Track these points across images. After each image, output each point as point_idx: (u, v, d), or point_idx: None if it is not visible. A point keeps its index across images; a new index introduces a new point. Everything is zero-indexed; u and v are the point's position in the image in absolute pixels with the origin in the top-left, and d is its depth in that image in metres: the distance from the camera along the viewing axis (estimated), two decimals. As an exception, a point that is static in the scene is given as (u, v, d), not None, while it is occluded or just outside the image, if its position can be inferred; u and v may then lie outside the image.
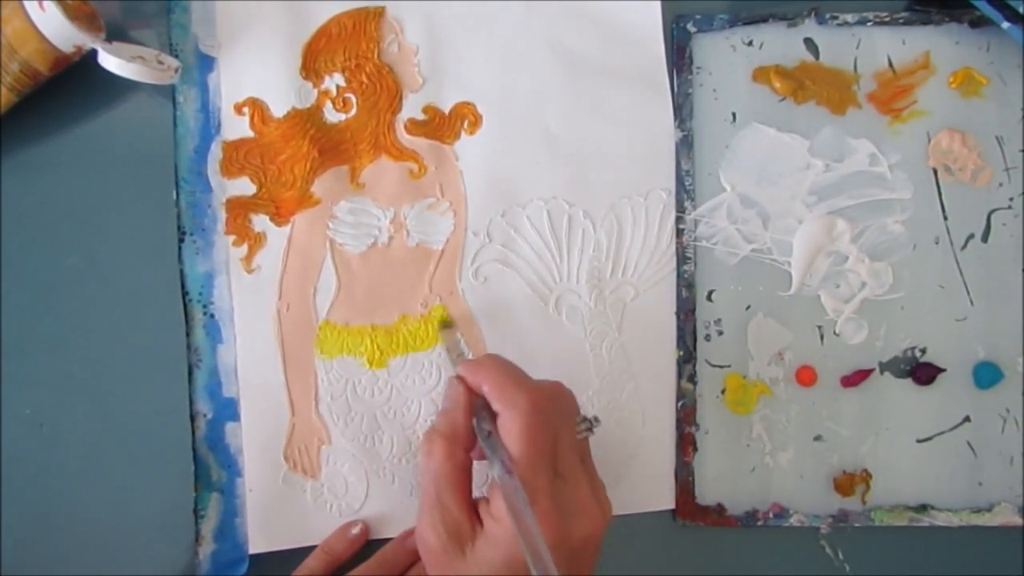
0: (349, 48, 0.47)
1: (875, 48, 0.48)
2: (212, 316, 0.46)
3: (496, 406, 0.37)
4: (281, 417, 0.46)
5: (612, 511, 0.39)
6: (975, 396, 0.48)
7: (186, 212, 0.46)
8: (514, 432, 0.36)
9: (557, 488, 0.36)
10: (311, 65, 0.47)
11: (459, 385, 0.39)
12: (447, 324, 0.46)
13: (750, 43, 0.48)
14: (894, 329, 0.48)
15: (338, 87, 0.47)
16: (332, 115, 0.47)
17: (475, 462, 0.39)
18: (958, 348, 0.48)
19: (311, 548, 0.45)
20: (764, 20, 0.48)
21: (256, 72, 0.47)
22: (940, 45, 0.48)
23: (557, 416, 0.38)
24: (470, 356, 0.46)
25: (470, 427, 0.38)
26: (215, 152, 0.47)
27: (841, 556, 0.48)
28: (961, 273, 0.48)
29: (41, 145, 0.46)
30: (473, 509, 0.37)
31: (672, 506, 0.47)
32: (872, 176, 0.48)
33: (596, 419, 0.40)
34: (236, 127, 0.47)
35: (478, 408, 0.38)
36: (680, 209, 0.48)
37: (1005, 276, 0.48)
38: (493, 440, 0.37)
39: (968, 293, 0.48)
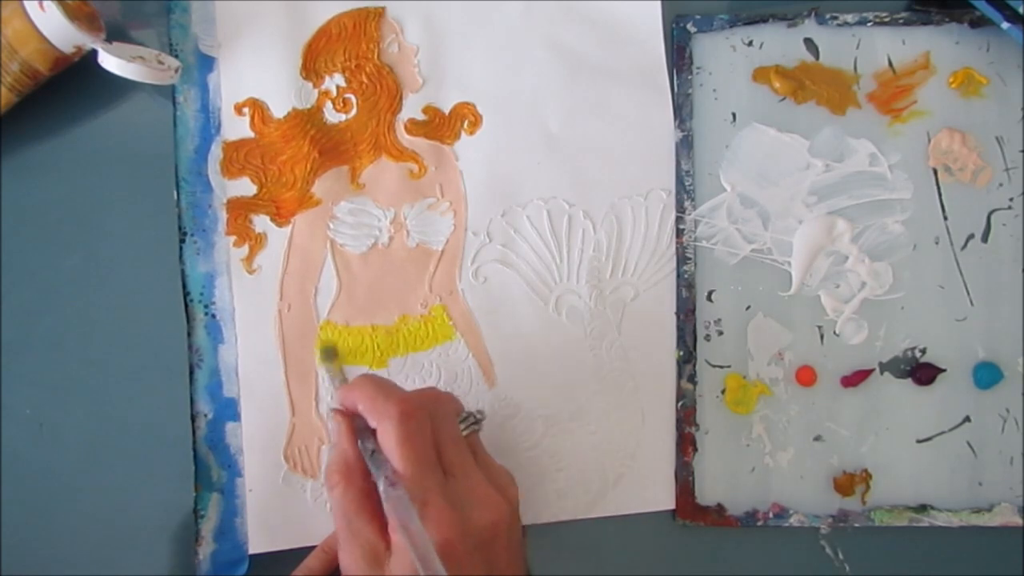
0: (349, 48, 0.47)
1: (875, 48, 0.48)
2: (213, 316, 0.46)
3: (371, 422, 0.38)
4: (282, 417, 0.46)
5: (517, 493, 0.40)
6: (975, 396, 0.48)
7: (187, 212, 0.46)
8: (391, 441, 0.36)
9: (449, 486, 0.37)
10: (311, 65, 0.47)
11: (337, 415, 0.40)
12: (328, 354, 0.46)
13: (750, 43, 0.48)
14: (894, 329, 0.48)
15: (338, 87, 0.47)
16: (332, 115, 0.47)
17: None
18: (958, 348, 0.48)
19: (311, 548, 0.45)
20: (764, 20, 0.48)
21: (256, 72, 0.47)
22: (940, 45, 0.48)
23: (435, 419, 0.38)
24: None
25: (358, 452, 0.38)
26: (215, 152, 0.47)
27: (841, 556, 0.48)
28: (961, 273, 0.48)
29: (41, 145, 0.46)
30: (384, 528, 0.37)
31: (672, 506, 0.47)
32: (872, 176, 0.48)
33: (480, 412, 0.41)
34: (236, 127, 0.47)
35: (360, 431, 0.39)
36: (680, 209, 0.48)
37: (1005, 276, 0.48)
38: (377, 456, 0.37)
39: (968, 293, 0.48)
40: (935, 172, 0.48)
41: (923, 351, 0.48)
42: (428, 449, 0.37)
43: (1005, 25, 0.45)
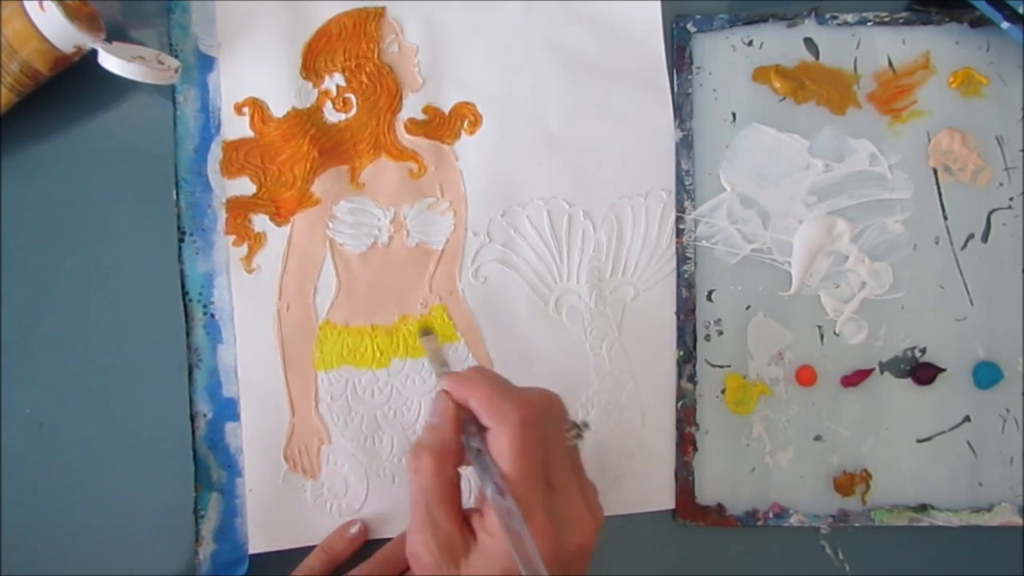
0: (349, 48, 0.47)
1: (875, 48, 0.48)
2: (212, 316, 0.46)
3: (485, 421, 0.37)
4: (281, 417, 0.46)
5: (604, 515, 0.39)
6: (975, 396, 0.48)
7: (186, 212, 0.46)
8: (505, 448, 0.35)
9: (550, 500, 0.36)
10: (311, 65, 0.47)
11: (446, 399, 0.38)
12: (427, 331, 0.46)
13: (750, 43, 0.48)
14: (894, 329, 0.48)
15: (338, 87, 0.47)
16: (332, 115, 0.47)
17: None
18: (958, 348, 0.48)
19: (311, 548, 0.45)
20: (764, 20, 0.48)
21: (256, 72, 0.47)
22: (940, 45, 0.48)
23: (547, 426, 0.37)
24: (451, 366, 0.45)
25: (458, 442, 0.37)
26: (215, 152, 0.47)
27: (841, 556, 0.48)
28: (961, 273, 0.48)
29: (41, 145, 0.46)
30: (465, 522, 0.36)
31: (672, 506, 0.47)
32: (872, 176, 0.48)
33: (585, 424, 0.39)
34: (236, 127, 0.47)
35: (466, 423, 0.38)
36: (680, 209, 0.48)
37: (1005, 276, 0.48)
38: (483, 457, 0.36)
39: (968, 293, 0.48)
40: (935, 172, 0.48)
41: (923, 351, 0.48)
42: (540, 460, 0.36)
43: (1005, 25, 0.45)
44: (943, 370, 0.47)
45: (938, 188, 0.48)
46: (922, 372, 0.47)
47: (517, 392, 0.37)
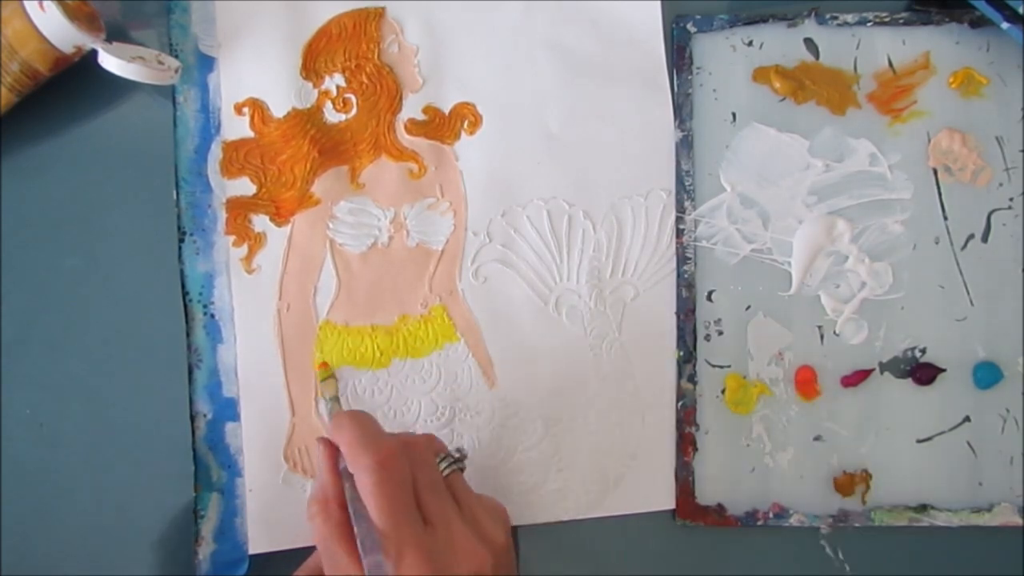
0: (349, 48, 0.47)
1: (875, 48, 0.48)
2: (212, 316, 0.46)
3: (351, 469, 0.37)
4: (281, 417, 0.46)
5: (505, 539, 0.39)
6: (975, 396, 0.48)
7: (186, 212, 0.46)
8: (367, 491, 0.36)
9: (428, 537, 0.36)
10: (311, 65, 0.47)
11: (321, 445, 0.40)
12: (327, 375, 0.46)
13: (750, 43, 0.48)
14: (894, 329, 0.48)
15: (338, 87, 0.47)
16: (332, 115, 0.47)
17: None
18: (958, 348, 0.48)
19: (311, 548, 0.45)
20: (764, 20, 0.48)
21: (256, 72, 0.47)
22: (940, 45, 0.48)
23: (412, 464, 0.38)
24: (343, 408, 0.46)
25: (339, 485, 0.38)
26: (215, 152, 0.47)
27: (841, 556, 0.48)
28: (961, 273, 0.48)
29: (41, 145, 0.46)
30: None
31: (672, 506, 0.47)
32: (872, 176, 0.48)
33: (461, 450, 0.40)
34: (236, 127, 0.47)
35: (344, 472, 0.38)
36: (680, 209, 0.48)
37: (1005, 276, 0.48)
38: (356, 507, 0.37)
39: (968, 293, 0.48)
40: (935, 172, 0.48)
41: (923, 351, 0.48)
42: (406, 498, 0.36)
43: (1005, 25, 0.45)
44: (943, 370, 0.47)
45: (938, 188, 0.48)
46: (922, 372, 0.47)
47: (377, 438, 0.38)
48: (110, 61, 0.42)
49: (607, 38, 0.48)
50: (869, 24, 0.48)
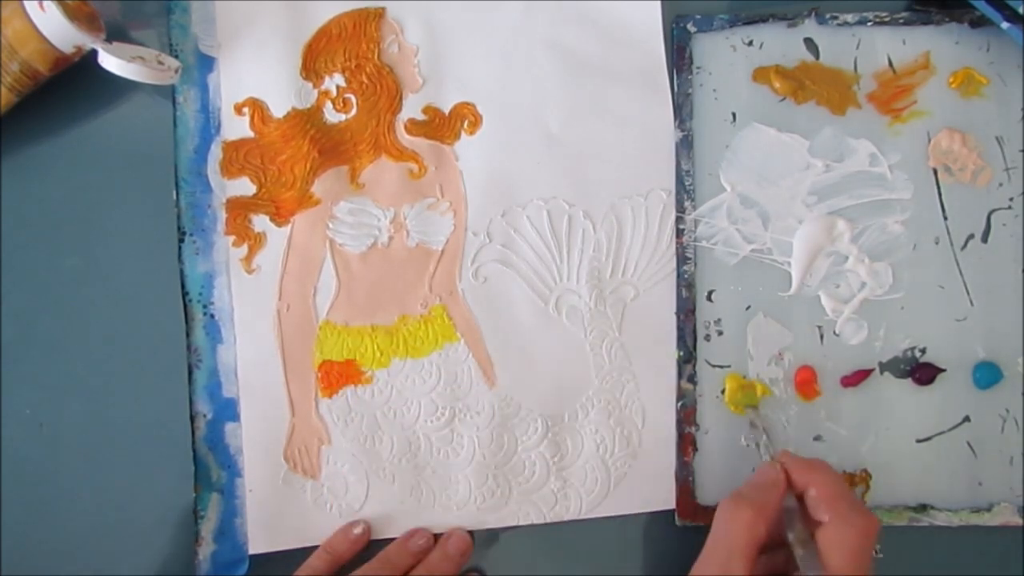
0: (349, 49, 0.47)
1: (875, 48, 0.48)
2: (212, 316, 0.46)
3: (825, 515, 0.38)
4: (281, 417, 0.46)
5: None
6: (975, 396, 0.48)
7: (186, 212, 0.46)
8: (845, 549, 0.37)
9: None
10: (311, 65, 0.47)
11: (779, 471, 0.41)
12: (751, 402, 0.47)
13: (750, 43, 0.48)
14: (894, 329, 0.48)
15: (338, 87, 0.47)
16: (332, 115, 0.47)
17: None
18: (958, 348, 0.48)
19: (311, 548, 0.45)
20: (764, 20, 0.48)
21: (256, 72, 0.47)
22: (940, 45, 0.48)
23: (872, 545, 0.39)
24: (773, 441, 0.47)
25: (777, 514, 0.39)
26: (215, 152, 0.47)
27: (841, 556, 0.48)
28: (961, 273, 0.48)
29: (41, 145, 0.47)
30: None
31: (672, 506, 0.47)
32: (872, 176, 0.48)
33: (877, 551, 0.41)
34: (236, 127, 0.47)
35: (791, 512, 0.39)
36: (680, 209, 0.48)
37: (1005, 276, 0.48)
38: (810, 545, 0.38)
39: (968, 293, 0.48)
40: (935, 172, 0.48)
41: (923, 351, 0.48)
42: (866, 571, 0.38)
43: (1005, 25, 0.45)
44: (943, 370, 0.47)
45: (938, 188, 0.48)
46: (922, 372, 0.47)
47: (861, 503, 0.40)
48: (110, 61, 0.42)
49: (607, 38, 0.48)
50: (869, 24, 0.48)
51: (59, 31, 0.41)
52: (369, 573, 0.44)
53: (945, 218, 0.48)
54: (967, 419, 0.48)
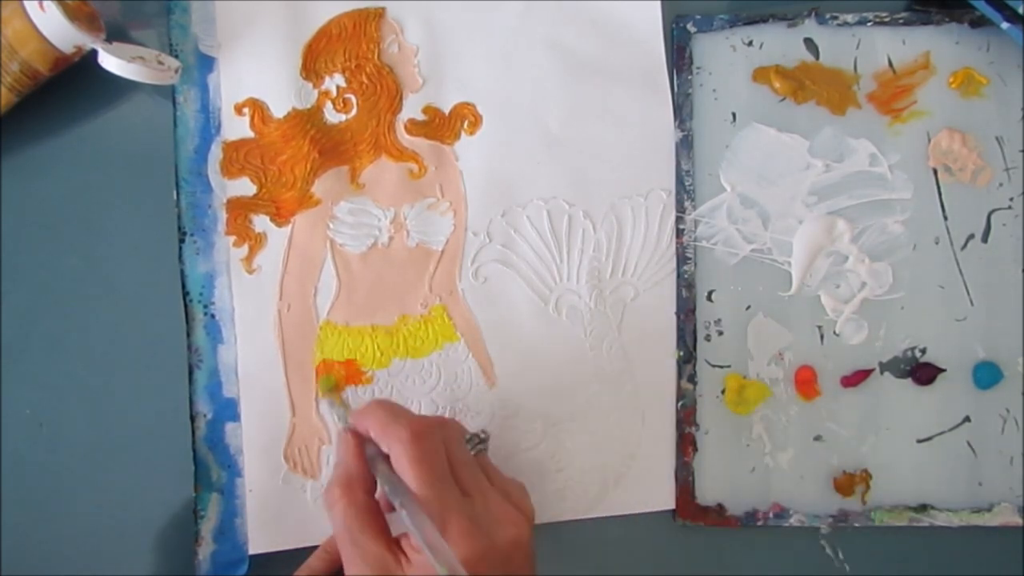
0: (349, 49, 0.47)
1: (875, 48, 0.48)
2: (213, 316, 0.46)
3: (383, 446, 0.38)
4: (281, 417, 0.46)
5: (534, 509, 0.40)
6: (975, 396, 0.48)
7: (186, 212, 0.46)
8: (404, 462, 0.37)
9: (467, 505, 0.37)
10: (311, 66, 0.47)
11: (346, 433, 0.40)
12: (330, 388, 0.46)
13: (750, 43, 0.48)
14: (894, 329, 0.48)
15: (338, 88, 0.47)
16: (332, 115, 0.47)
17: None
18: (958, 348, 0.48)
19: (311, 548, 0.45)
20: (764, 20, 0.48)
21: (256, 72, 0.47)
22: (940, 45, 0.48)
23: (444, 440, 0.38)
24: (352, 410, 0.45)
25: (365, 470, 0.39)
26: (215, 152, 0.47)
27: (841, 556, 0.48)
28: (961, 273, 0.48)
29: (41, 145, 0.46)
30: (394, 544, 0.37)
31: (672, 506, 0.47)
32: (872, 176, 0.48)
33: (484, 432, 0.42)
34: (236, 127, 0.47)
35: (372, 458, 0.39)
36: (680, 209, 0.48)
37: (1005, 276, 0.48)
38: (392, 480, 0.37)
39: (968, 293, 0.48)
40: (935, 172, 0.48)
41: (923, 351, 0.48)
42: (443, 469, 0.37)
43: (1005, 25, 0.45)
44: (943, 370, 0.48)
45: (938, 188, 0.48)
46: (922, 372, 0.47)
47: (408, 413, 0.39)
48: (110, 61, 0.42)
49: (607, 38, 0.48)
50: (869, 24, 0.48)
51: (59, 31, 0.41)
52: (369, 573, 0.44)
53: (945, 218, 0.48)
54: (967, 419, 0.48)
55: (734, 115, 0.48)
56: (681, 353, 0.47)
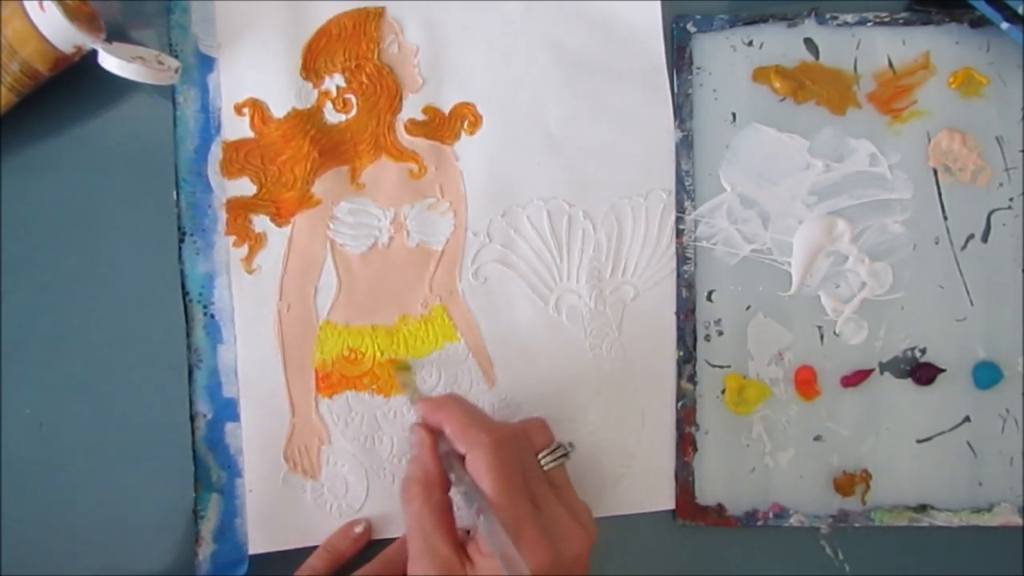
0: (349, 49, 0.47)
1: (875, 48, 0.48)
2: (212, 316, 0.46)
3: (460, 447, 0.39)
4: (281, 417, 0.46)
5: (596, 531, 0.40)
6: (975, 396, 0.48)
7: (186, 212, 0.46)
8: (483, 470, 0.37)
9: (538, 516, 0.38)
10: (311, 66, 0.47)
11: (421, 430, 0.41)
12: (404, 367, 0.46)
13: (750, 43, 0.48)
14: (894, 329, 0.48)
15: (338, 88, 0.47)
16: (332, 116, 0.47)
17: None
18: (958, 348, 0.48)
19: (311, 549, 0.45)
20: (764, 20, 0.48)
21: (256, 72, 0.47)
22: (940, 45, 0.48)
23: (521, 450, 0.39)
24: (423, 395, 0.46)
25: (441, 469, 0.39)
26: (215, 152, 0.47)
27: (841, 556, 0.48)
28: (961, 273, 0.48)
29: (41, 145, 0.46)
30: (460, 547, 0.38)
31: (672, 506, 0.47)
32: (872, 176, 0.48)
33: (571, 444, 0.42)
34: (236, 127, 0.47)
35: (446, 455, 0.39)
36: (680, 209, 0.48)
37: (1005, 276, 0.48)
38: (466, 481, 0.38)
39: (968, 293, 0.48)
40: (935, 172, 0.48)
41: (923, 351, 0.48)
42: (519, 479, 0.38)
43: (1005, 25, 0.45)
44: (943, 370, 0.48)
45: (938, 188, 0.48)
46: (922, 372, 0.47)
47: (486, 418, 0.40)
48: (110, 61, 0.42)
49: (607, 38, 0.48)
50: (869, 24, 0.48)
51: (59, 31, 0.41)
52: (369, 573, 0.44)
53: (945, 218, 0.48)
54: (967, 419, 0.48)
55: (734, 115, 0.48)
56: (681, 353, 0.47)
